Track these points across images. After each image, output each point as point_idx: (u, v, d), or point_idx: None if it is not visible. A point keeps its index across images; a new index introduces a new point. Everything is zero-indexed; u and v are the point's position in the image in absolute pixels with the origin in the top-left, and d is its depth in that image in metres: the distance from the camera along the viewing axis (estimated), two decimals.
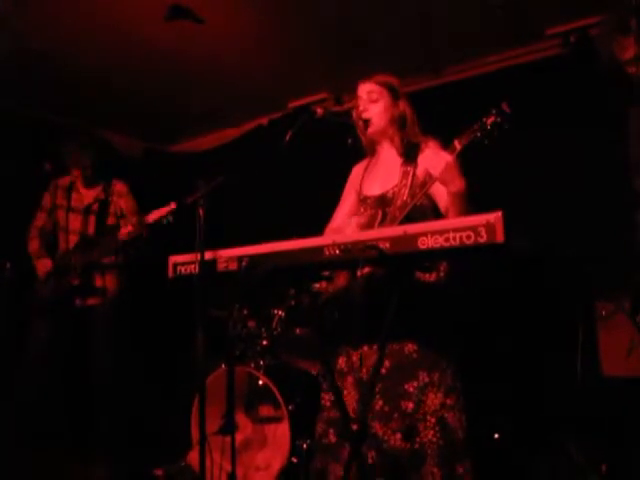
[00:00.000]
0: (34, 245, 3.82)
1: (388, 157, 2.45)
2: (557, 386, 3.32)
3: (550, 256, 3.44)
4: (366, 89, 2.43)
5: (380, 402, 2.18)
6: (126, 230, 3.54)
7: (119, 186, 3.89)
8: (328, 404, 2.32)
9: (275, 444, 3.38)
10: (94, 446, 3.65)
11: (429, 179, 2.08)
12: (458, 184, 2.01)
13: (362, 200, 2.47)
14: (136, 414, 3.95)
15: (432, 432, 2.12)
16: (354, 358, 2.28)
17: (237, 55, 4.05)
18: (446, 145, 2.06)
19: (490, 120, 1.96)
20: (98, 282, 3.73)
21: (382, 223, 2.25)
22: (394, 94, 2.44)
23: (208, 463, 2.20)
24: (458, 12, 3.52)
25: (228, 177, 2.28)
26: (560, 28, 3.67)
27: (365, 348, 2.25)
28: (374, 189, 2.43)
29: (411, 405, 2.15)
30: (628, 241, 3.05)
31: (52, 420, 3.81)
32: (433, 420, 2.13)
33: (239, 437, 3.34)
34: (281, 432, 3.30)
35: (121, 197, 3.87)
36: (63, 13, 3.53)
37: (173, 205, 3.35)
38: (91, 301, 3.72)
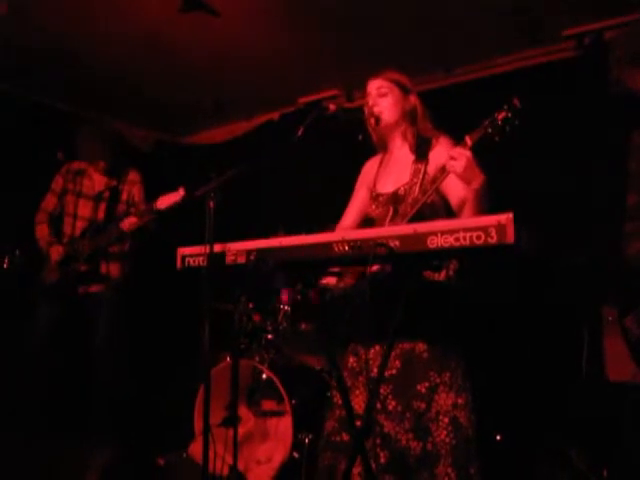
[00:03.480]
0: (43, 230, 3.83)
1: (401, 154, 2.44)
2: (561, 390, 3.32)
3: (557, 259, 3.43)
4: (375, 85, 2.44)
5: (393, 402, 2.17)
6: (129, 221, 3.57)
7: (133, 174, 3.93)
8: (340, 402, 2.26)
9: (277, 438, 3.38)
10: (96, 431, 3.67)
11: (440, 174, 2.07)
12: (480, 179, 1.99)
13: (374, 197, 2.45)
14: (139, 401, 3.97)
15: (445, 432, 2.11)
16: (364, 357, 2.27)
17: (249, 49, 4.05)
18: (457, 142, 2.05)
19: (501, 116, 1.96)
20: (102, 269, 3.75)
21: (393, 220, 2.25)
22: (403, 89, 2.44)
23: (210, 455, 2.20)
24: (472, 12, 3.51)
25: (239, 171, 2.28)
26: (574, 30, 3.65)
27: (377, 347, 2.25)
28: (387, 186, 2.42)
29: (423, 405, 2.14)
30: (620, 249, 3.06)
31: (52, 406, 3.82)
32: (446, 420, 2.12)
33: (241, 430, 3.35)
34: (283, 426, 3.31)
35: (134, 185, 3.90)
36: (79, 7, 3.55)
37: (181, 191, 3.38)
38: (94, 288, 3.74)
